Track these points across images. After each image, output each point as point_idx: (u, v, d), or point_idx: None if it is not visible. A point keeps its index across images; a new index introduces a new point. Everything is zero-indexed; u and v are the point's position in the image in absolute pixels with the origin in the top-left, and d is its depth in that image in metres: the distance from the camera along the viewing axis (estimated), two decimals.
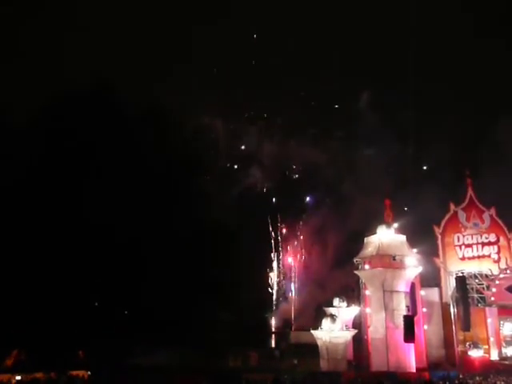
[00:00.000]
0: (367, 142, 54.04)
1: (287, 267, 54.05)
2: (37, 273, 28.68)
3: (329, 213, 49.78)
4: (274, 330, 49.40)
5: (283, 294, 52.49)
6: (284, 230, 55.84)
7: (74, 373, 25.15)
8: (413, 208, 41.39)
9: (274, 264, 54.42)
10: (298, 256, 53.89)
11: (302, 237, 54.10)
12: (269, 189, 59.54)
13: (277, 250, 54.97)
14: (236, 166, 62.01)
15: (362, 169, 51.37)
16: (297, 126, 61.54)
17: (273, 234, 55.41)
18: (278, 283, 53.51)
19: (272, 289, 53.21)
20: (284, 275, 53.57)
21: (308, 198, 58.51)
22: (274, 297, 52.78)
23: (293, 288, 52.28)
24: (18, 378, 24.32)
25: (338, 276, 43.08)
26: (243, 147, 63.44)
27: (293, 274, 53.04)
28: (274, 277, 53.39)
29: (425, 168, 55.57)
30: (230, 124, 62.32)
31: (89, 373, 25.72)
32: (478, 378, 29.13)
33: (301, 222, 54.60)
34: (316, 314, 41.96)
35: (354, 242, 40.98)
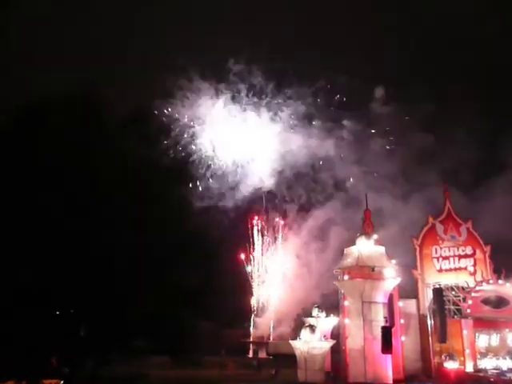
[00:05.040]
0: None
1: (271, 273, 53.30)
2: (7, 278, 27.96)
3: (332, 211, 48.60)
4: (252, 339, 49.12)
5: (263, 303, 52.06)
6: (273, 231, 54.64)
7: (47, 381, 24.54)
8: (393, 219, 41.77)
9: (256, 271, 53.73)
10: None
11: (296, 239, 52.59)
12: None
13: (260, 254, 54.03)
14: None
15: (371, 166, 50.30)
16: (302, 116, 56.48)
17: (258, 236, 54.31)
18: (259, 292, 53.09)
19: (252, 297, 52.77)
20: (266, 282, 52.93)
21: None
22: (254, 306, 52.36)
23: (273, 297, 51.82)
24: None
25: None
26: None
27: (275, 281, 52.42)
28: (255, 285, 52.90)
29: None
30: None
31: (62, 382, 25.10)
32: None
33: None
34: (295, 324, 41.92)
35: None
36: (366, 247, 37.50)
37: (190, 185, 50.40)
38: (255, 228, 54.91)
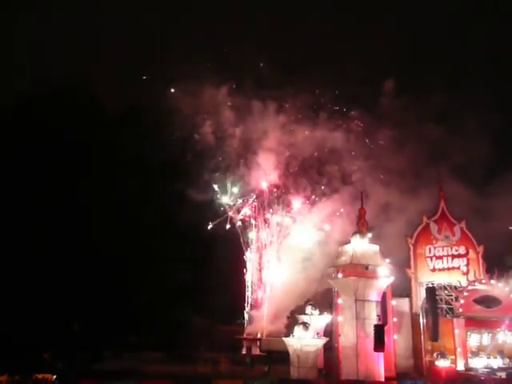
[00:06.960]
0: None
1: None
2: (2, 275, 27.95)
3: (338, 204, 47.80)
4: (245, 336, 49.19)
5: (257, 299, 51.91)
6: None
7: (40, 376, 24.56)
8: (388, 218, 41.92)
9: (250, 268, 53.30)
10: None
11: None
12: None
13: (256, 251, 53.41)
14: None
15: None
16: (307, 108, 55.65)
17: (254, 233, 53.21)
18: (253, 288, 52.94)
19: (246, 294, 52.72)
20: (260, 280, 52.69)
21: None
22: (248, 302, 52.31)
23: (267, 292, 51.68)
24: None
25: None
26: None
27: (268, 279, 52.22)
28: (249, 281, 52.69)
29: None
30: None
31: (54, 376, 25.10)
32: None
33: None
34: (288, 321, 42.06)
35: None
36: (360, 245, 37.64)
37: (189, 179, 49.35)
38: (255, 221, 54.06)
